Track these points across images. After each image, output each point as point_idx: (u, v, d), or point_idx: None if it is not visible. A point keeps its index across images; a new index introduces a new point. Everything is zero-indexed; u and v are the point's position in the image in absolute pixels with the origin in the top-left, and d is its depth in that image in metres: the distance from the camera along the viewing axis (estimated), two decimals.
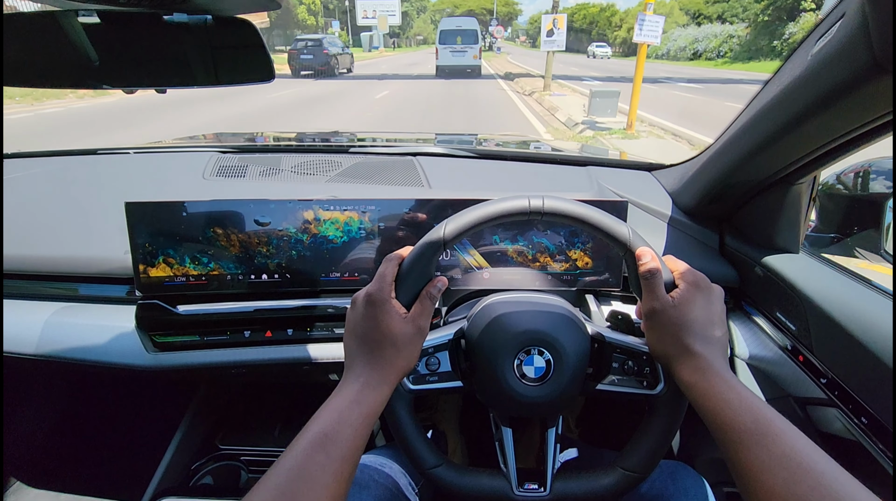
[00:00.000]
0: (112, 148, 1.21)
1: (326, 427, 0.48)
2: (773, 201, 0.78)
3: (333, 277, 0.85)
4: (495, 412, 0.67)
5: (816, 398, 0.71)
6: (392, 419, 0.62)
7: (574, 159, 1.16)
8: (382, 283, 0.56)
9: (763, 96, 0.65)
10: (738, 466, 0.46)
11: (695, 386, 0.53)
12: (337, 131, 1.57)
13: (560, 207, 0.58)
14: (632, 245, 0.58)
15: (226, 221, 0.80)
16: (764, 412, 0.47)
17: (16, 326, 0.87)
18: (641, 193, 1.00)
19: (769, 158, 0.70)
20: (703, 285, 0.57)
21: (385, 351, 0.54)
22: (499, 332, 0.63)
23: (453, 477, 0.63)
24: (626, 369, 0.64)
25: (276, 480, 0.44)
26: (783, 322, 0.78)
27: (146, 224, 0.79)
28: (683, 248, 0.92)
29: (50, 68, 0.66)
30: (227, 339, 0.85)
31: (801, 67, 0.56)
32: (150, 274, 0.81)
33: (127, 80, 0.70)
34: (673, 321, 0.55)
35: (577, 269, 0.87)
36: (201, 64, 0.67)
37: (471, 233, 0.59)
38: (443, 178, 1.04)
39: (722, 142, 0.78)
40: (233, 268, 0.83)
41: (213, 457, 1.09)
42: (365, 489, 0.71)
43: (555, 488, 0.63)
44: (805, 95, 0.56)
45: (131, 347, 0.85)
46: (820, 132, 0.60)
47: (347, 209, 0.83)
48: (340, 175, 1.06)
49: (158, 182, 1.09)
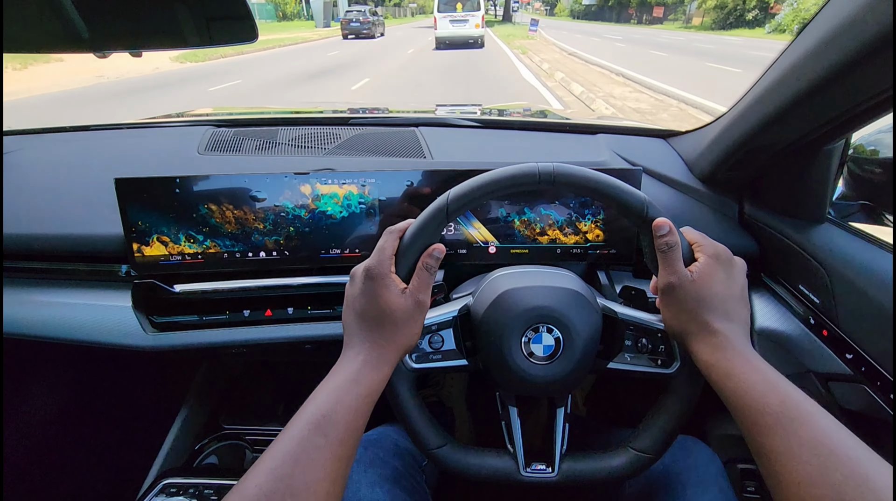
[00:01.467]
0: (105, 124, 1.18)
1: (324, 408, 0.46)
2: (799, 167, 0.73)
3: (333, 253, 0.82)
4: (501, 391, 0.65)
5: (841, 374, 0.67)
6: (394, 399, 0.60)
7: (584, 127, 1.11)
8: (382, 256, 0.53)
9: (793, 51, 0.59)
10: (764, 452, 0.43)
11: (714, 366, 0.49)
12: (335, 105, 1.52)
13: (572, 174, 0.54)
14: (648, 216, 0.54)
15: (220, 197, 0.77)
16: (791, 394, 0.44)
17: (11, 306, 0.86)
18: (656, 160, 0.95)
19: (798, 119, 0.64)
20: (724, 258, 0.54)
21: (385, 328, 0.52)
22: (505, 309, 0.60)
23: (458, 458, 0.61)
24: (640, 347, 0.61)
25: (271, 463, 0.42)
26: (806, 295, 0.74)
27: (138, 201, 0.76)
28: (700, 217, 0.88)
29: (38, 33, 0.63)
30: (226, 318, 0.83)
31: (842, 14, 0.50)
32: (145, 253, 0.79)
33: (115, 44, 0.67)
34: (691, 297, 0.52)
35: (588, 242, 0.83)
36: (186, 24, 0.63)
37: (477, 203, 0.55)
38: (446, 149, 1.00)
39: (745, 103, 0.72)
40: (229, 245, 0.80)
41: (217, 437, 1.09)
42: (370, 466, 0.70)
43: (563, 468, 0.60)
44: (845, 45, 0.50)
45: (130, 327, 0.83)
46: (857, 89, 0.55)
47: (346, 183, 0.79)
48: (339, 148, 1.02)
49: (152, 158, 1.05)
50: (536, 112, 1.55)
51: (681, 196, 0.91)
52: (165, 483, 0.82)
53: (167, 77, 10.92)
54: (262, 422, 1.11)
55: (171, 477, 0.83)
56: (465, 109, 1.42)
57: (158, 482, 0.83)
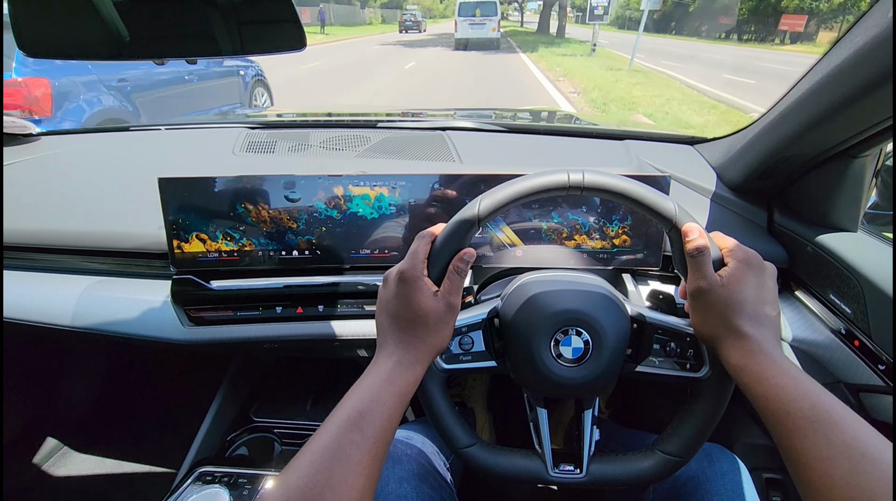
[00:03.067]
0: (144, 125, 1.22)
1: (360, 406, 0.48)
2: (833, 176, 0.72)
3: (363, 253, 0.84)
4: (530, 393, 0.66)
5: (872, 385, 0.67)
6: (425, 399, 0.61)
7: (610, 133, 1.11)
8: (415, 260, 0.55)
9: (830, 60, 0.59)
10: (795, 455, 0.43)
11: (745, 369, 0.50)
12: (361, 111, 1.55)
13: (601, 181, 0.55)
14: (678, 221, 0.54)
15: (256, 196, 0.80)
16: (822, 398, 0.44)
17: (52, 298, 0.90)
18: (684, 167, 0.95)
19: (832, 129, 0.64)
20: (754, 263, 0.54)
21: (417, 330, 0.53)
22: (534, 312, 0.61)
23: (487, 457, 0.62)
24: (668, 351, 0.62)
25: (311, 457, 0.44)
26: (837, 305, 0.73)
27: (179, 200, 0.79)
28: (729, 225, 0.87)
29: (81, 40, 0.67)
30: (259, 314, 0.86)
31: (879, 27, 0.50)
32: (185, 249, 0.82)
33: (156, 51, 0.70)
34: (722, 301, 0.52)
35: (615, 247, 0.83)
36: (227, 33, 0.66)
37: (506, 209, 0.57)
38: (474, 152, 1.01)
39: (777, 112, 0.72)
40: (264, 244, 0.83)
41: (248, 429, 1.12)
42: (398, 463, 0.71)
43: (591, 470, 0.61)
44: (882, 58, 0.51)
45: (167, 321, 0.86)
46: (892, 100, 0.55)
47: (377, 185, 0.81)
48: (369, 150, 1.04)
49: (190, 158, 1.09)
50: (563, 117, 1.55)
51: (709, 203, 0.91)
52: (201, 472, 0.85)
53: None
54: (291, 416, 1.14)
55: (205, 466, 0.86)
56: (491, 112, 1.44)
57: (194, 470, 0.86)
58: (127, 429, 1.41)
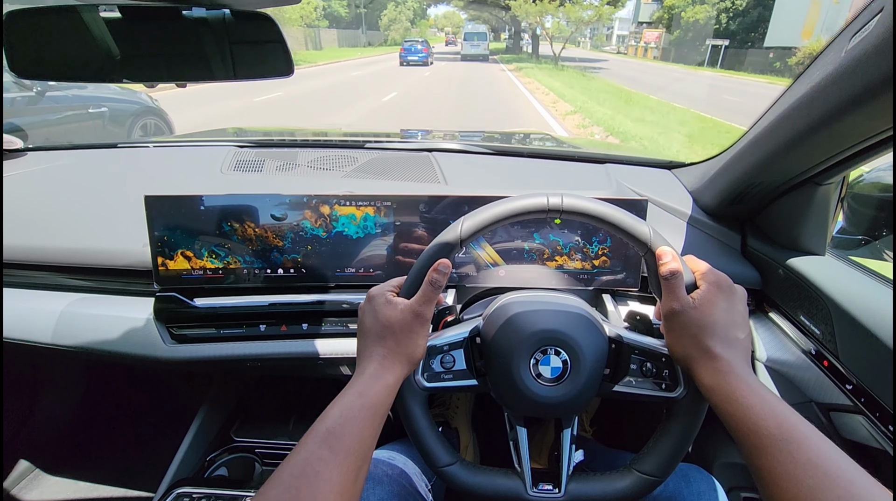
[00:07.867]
0: (132, 142, 1.23)
1: (329, 423, 0.49)
2: (800, 202, 0.76)
3: (348, 272, 0.85)
4: (510, 412, 0.66)
5: (841, 404, 0.69)
6: (406, 417, 0.62)
7: (592, 157, 1.14)
8: (385, 284, 0.60)
9: (792, 93, 0.63)
10: (762, 473, 0.44)
11: (716, 389, 0.51)
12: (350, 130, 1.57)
13: (579, 205, 0.57)
14: (652, 245, 0.56)
15: (242, 215, 0.81)
16: (788, 417, 0.46)
17: (34, 315, 0.89)
18: (661, 191, 0.98)
19: (797, 158, 0.67)
20: (724, 286, 0.56)
21: (386, 341, 0.56)
22: (514, 331, 0.62)
23: (467, 476, 0.62)
24: (645, 371, 0.63)
25: (281, 476, 0.45)
26: (807, 326, 0.76)
27: (165, 217, 0.80)
28: (704, 248, 0.90)
29: (73, 62, 0.68)
30: (242, 332, 0.86)
31: (834, 63, 0.54)
32: (169, 267, 0.82)
33: (147, 74, 0.71)
34: (694, 323, 0.54)
35: (595, 268, 0.85)
36: (220, 59, 0.68)
37: (488, 231, 0.59)
38: (459, 174, 1.03)
39: (747, 140, 0.76)
40: (249, 262, 0.83)
41: (228, 449, 1.11)
42: (378, 484, 0.71)
43: (569, 489, 0.62)
44: (837, 93, 0.54)
45: (149, 338, 0.86)
46: (852, 131, 0.58)
47: (363, 205, 0.82)
48: (357, 171, 1.06)
49: (177, 176, 1.10)
50: (546, 140, 1.59)
51: (686, 226, 0.93)
52: (179, 493, 0.84)
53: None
54: (273, 436, 1.13)
55: (183, 487, 0.85)
56: (475, 134, 1.47)
57: (172, 491, 0.85)
58: (102, 450, 1.37)
